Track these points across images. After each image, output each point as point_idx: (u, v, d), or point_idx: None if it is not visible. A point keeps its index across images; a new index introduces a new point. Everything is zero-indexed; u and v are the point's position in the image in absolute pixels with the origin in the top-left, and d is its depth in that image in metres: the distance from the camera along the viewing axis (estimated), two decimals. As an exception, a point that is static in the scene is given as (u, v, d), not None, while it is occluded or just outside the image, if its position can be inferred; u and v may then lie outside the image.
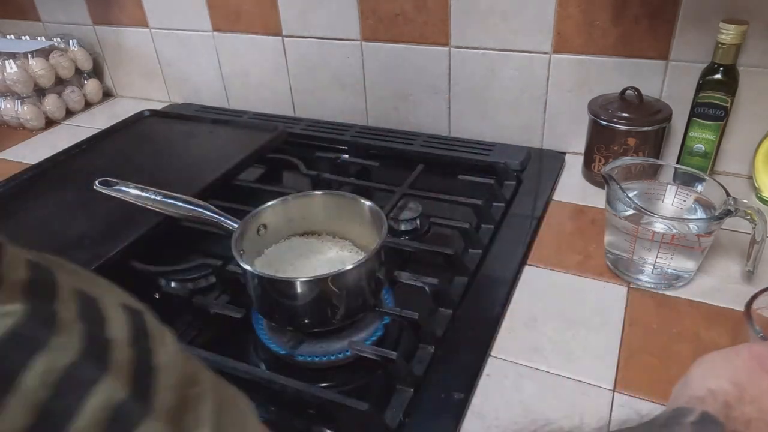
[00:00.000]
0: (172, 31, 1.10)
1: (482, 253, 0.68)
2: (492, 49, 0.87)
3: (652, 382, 0.51)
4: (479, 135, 0.94)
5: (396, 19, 0.90)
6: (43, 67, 1.10)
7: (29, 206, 0.77)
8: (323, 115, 1.05)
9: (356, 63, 0.97)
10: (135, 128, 0.96)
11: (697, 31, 0.74)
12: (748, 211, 0.56)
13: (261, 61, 1.05)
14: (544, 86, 0.87)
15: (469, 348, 0.55)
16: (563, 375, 0.52)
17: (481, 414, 0.49)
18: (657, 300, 0.60)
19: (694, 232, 0.58)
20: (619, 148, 0.76)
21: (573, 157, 0.88)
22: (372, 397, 0.47)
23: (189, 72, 1.14)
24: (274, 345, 0.56)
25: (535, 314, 0.59)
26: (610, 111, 0.76)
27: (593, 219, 0.74)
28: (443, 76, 0.92)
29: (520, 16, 0.82)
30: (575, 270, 0.65)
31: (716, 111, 0.72)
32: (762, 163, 0.74)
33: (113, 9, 1.14)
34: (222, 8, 1.03)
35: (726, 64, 0.70)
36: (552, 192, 0.80)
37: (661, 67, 0.79)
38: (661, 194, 0.64)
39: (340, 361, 0.54)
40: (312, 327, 0.55)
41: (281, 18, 0.99)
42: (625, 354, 0.54)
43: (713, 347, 0.54)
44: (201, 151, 0.91)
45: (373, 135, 0.97)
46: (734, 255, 0.65)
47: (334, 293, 0.51)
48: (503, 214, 0.75)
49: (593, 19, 0.79)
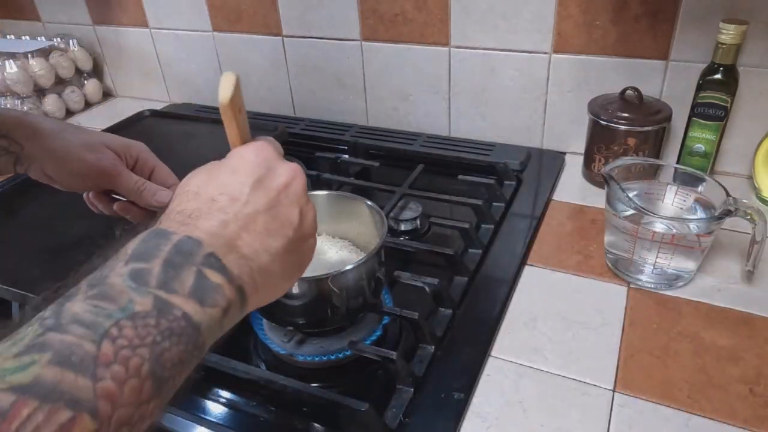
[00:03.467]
0: (172, 31, 1.10)
1: (482, 253, 0.68)
2: (492, 49, 0.87)
3: (652, 382, 0.51)
4: (479, 135, 0.94)
5: (396, 19, 0.90)
6: (43, 67, 1.10)
7: (29, 206, 0.77)
8: (323, 115, 1.05)
9: (356, 63, 0.97)
10: (135, 128, 0.96)
11: (697, 31, 0.74)
12: (748, 211, 0.56)
13: (261, 61, 1.05)
14: (544, 86, 0.87)
15: (469, 348, 0.55)
16: (563, 375, 0.52)
17: (481, 414, 0.49)
18: (657, 300, 0.60)
19: (694, 232, 0.58)
20: (619, 148, 0.76)
21: (573, 157, 0.88)
22: (372, 397, 0.47)
23: (189, 72, 1.14)
24: (274, 345, 0.56)
25: (535, 314, 0.59)
26: (610, 111, 0.76)
27: (593, 219, 0.74)
28: (443, 76, 0.92)
29: (520, 16, 0.82)
30: (575, 270, 0.65)
31: (716, 111, 0.72)
32: (762, 163, 0.74)
33: (113, 9, 1.14)
34: (222, 8, 1.03)
35: (726, 64, 0.70)
36: (552, 192, 0.80)
37: (661, 67, 0.79)
38: (661, 194, 0.64)
39: (340, 361, 0.54)
40: (312, 327, 0.55)
41: (281, 18, 0.99)
42: (625, 354, 0.54)
43: (713, 347, 0.54)
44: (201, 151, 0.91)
45: (373, 135, 0.97)
46: (734, 255, 0.65)
47: (334, 293, 0.51)
48: (503, 214, 0.75)
49: (593, 19, 0.79)
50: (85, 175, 0.54)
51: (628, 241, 0.60)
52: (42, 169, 0.55)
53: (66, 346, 0.23)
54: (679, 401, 0.49)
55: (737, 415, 0.47)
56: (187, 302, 0.28)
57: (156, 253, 0.29)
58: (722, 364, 0.52)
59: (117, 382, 0.24)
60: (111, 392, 0.23)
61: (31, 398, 0.21)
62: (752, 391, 0.49)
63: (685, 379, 0.51)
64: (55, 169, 0.55)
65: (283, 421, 0.49)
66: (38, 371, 0.22)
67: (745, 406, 0.48)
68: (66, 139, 0.54)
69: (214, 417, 0.50)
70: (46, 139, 0.54)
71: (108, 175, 0.54)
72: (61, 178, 0.55)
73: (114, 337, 0.25)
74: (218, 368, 0.51)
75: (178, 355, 0.27)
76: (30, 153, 0.54)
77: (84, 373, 0.23)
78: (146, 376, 0.25)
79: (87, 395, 0.23)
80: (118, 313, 0.25)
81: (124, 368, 0.24)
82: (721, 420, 0.47)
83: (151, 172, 0.59)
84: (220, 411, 0.51)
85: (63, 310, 0.25)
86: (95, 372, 0.23)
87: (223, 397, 0.52)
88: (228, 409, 0.51)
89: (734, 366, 0.52)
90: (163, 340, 0.26)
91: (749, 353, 0.53)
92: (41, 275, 0.63)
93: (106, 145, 0.55)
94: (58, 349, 0.23)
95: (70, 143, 0.54)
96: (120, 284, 0.27)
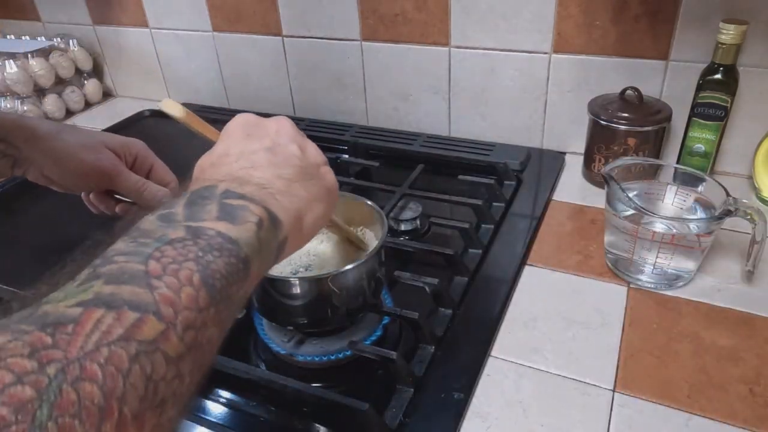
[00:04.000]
0: (172, 31, 1.10)
1: (482, 253, 0.68)
2: (492, 49, 0.87)
3: (652, 382, 0.51)
4: (479, 135, 0.94)
5: (396, 19, 0.90)
6: (43, 67, 1.10)
7: (29, 206, 0.77)
8: (323, 115, 1.05)
9: (356, 63, 0.97)
10: (135, 128, 0.97)
11: (697, 31, 0.74)
12: (748, 211, 0.56)
13: (261, 61, 1.05)
14: (544, 86, 0.87)
15: (469, 348, 0.55)
16: (563, 375, 0.52)
17: (481, 414, 0.49)
18: (657, 300, 0.60)
19: (694, 232, 0.58)
20: (619, 148, 0.76)
21: (573, 157, 0.88)
22: (372, 397, 0.47)
23: (189, 72, 1.14)
24: (275, 345, 0.56)
25: (535, 314, 0.59)
26: (610, 111, 0.76)
27: (593, 219, 0.74)
28: (443, 76, 0.92)
29: (520, 16, 0.82)
30: (575, 270, 0.65)
31: (716, 111, 0.72)
32: (762, 163, 0.74)
33: (113, 9, 1.14)
34: (222, 8, 1.03)
35: (726, 64, 0.70)
36: (552, 192, 0.80)
37: (661, 67, 0.79)
38: (661, 194, 0.64)
39: (340, 361, 0.54)
40: (312, 327, 0.55)
41: (281, 18, 0.99)
42: (625, 354, 0.54)
43: (713, 347, 0.54)
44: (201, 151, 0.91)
45: (373, 135, 0.97)
46: (734, 255, 0.65)
47: (334, 293, 0.51)
48: (503, 214, 0.75)
49: (593, 19, 0.79)
50: (85, 176, 0.54)
51: (628, 241, 0.60)
52: (40, 171, 0.55)
53: (116, 269, 0.25)
54: (679, 401, 0.49)
55: (737, 415, 0.47)
56: (217, 224, 0.29)
57: (178, 202, 0.31)
58: (722, 364, 0.52)
59: (172, 290, 0.25)
60: (169, 298, 0.25)
61: (96, 308, 0.23)
62: (752, 391, 0.49)
63: (685, 379, 0.51)
64: (54, 171, 0.54)
65: (283, 421, 0.49)
66: (97, 289, 0.24)
67: (745, 406, 0.48)
68: (65, 140, 0.54)
69: (214, 417, 0.50)
70: (44, 141, 0.54)
71: (108, 175, 0.54)
72: (60, 179, 0.55)
73: (158, 257, 0.26)
74: (218, 368, 0.51)
75: (225, 267, 0.28)
76: (28, 155, 0.54)
77: (139, 284, 0.24)
78: (199, 285, 0.26)
79: (147, 300, 0.24)
80: (155, 243, 0.27)
81: (175, 279, 0.25)
82: (721, 420, 0.47)
83: (149, 169, 0.59)
84: (220, 411, 0.51)
85: (107, 252, 0.27)
86: (150, 282, 0.25)
87: (223, 397, 0.52)
88: (228, 409, 0.51)
89: (734, 366, 0.52)
90: (205, 255, 0.27)
91: (749, 353, 0.53)
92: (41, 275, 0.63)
93: (105, 144, 0.55)
94: (110, 273, 0.25)
95: (68, 144, 0.54)
96: (151, 225, 0.29)
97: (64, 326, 0.21)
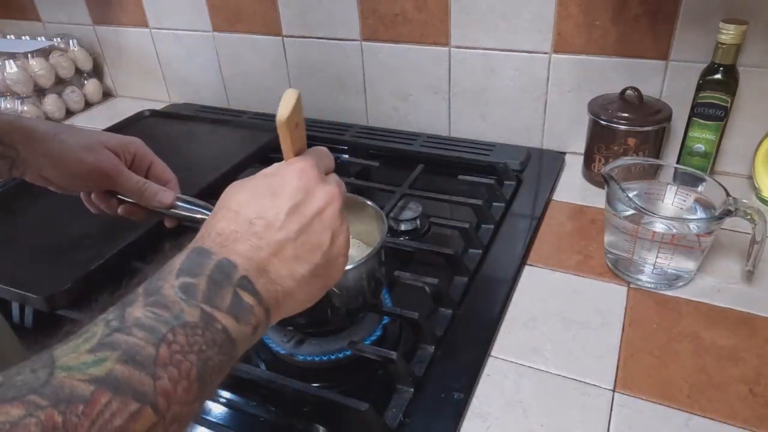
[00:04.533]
0: (172, 31, 1.10)
1: (482, 253, 0.68)
2: (492, 49, 0.87)
3: (652, 382, 0.51)
4: (479, 135, 0.94)
5: (396, 19, 0.90)
6: (43, 67, 1.10)
7: (29, 206, 0.77)
8: (323, 115, 1.05)
9: (356, 63, 0.97)
10: (135, 128, 0.96)
11: (697, 31, 0.74)
12: (748, 211, 0.56)
13: (261, 61, 1.05)
14: (544, 86, 0.87)
15: (469, 348, 0.55)
16: (563, 375, 0.52)
17: (481, 414, 0.49)
18: (657, 300, 0.60)
19: (694, 232, 0.58)
20: (619, 148, 0.76)
21: (573, 157, 0.88)
22: (372, 397, 0.47)
23: (189, 72, 1.14)
24: (274, 345, 0.56)
25: (535, 314, 0.59)
26: (610, 111, 0.76)
27: (593, 219, 0.74)
28: (443, 76, 0.92)
29: (520, 16, 0.82)
30: (575, 270, 0.65)
31: (716, 111, 0.72)
32: (762, 163, 0.74)
33: (113, 9, 1.14)
34: (222, 8, 1.03)
35: (726, 64, 0.70)
36: (552, 192, 0.80)
37: (661, 67, 0.79)
38: (661, 194, 0.64)
39: (340, 361, 0.54)
40: (312, 327, 0.55)
41: (281, 18, 0.99)
42: (625, 354, 0.54)
43: (713, 347, 0.54)
44: (201, 151, 0.91)
45: (373, 135, 0.97)
46: (734, 255, 0.65)
47: (334, 293, 0.51)
48: (503, 214, 0.75)
49: (593, 19, 0.79)
50: (85, 177, 0.54)
51: (628, 241, 0.60)
52: (39, 172, 0.54)
53: (131, 347, 0.27)
54: (679, 401, 0.49)
55: (737, 415, 0.47)
56: (226, 318, 0.31)
57: (201, 270, 0.32)
58: (722, 364, 0.52)
59: (172, 382, 0.27)
60: (168, 390, 0.27)
61: (106, 389, 0.25)
62: (752, 391, 0.49)
63: (685, 379, 0.51)
64: (53, 172, 0.54)
65: (283, 421, 0.49)
66: (110, 366, 0.25)
67: (745, 406, 0.48)
68: (63, 141, 0.54)
69: (214, 417, 0.50)
70: (43, 143, 0.53)
71: (108, 176, 0.54)
72: (59, 180, 0.55)
73: (170, 341, 0.28)
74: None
75: (219, 363, 0.30)
76: (25, 157, 0.53)
77: (146, 371, 0.26)
78: (194, 379, 0.28)
79: (149, 390, 0.26)
80: (172, 320, 0.29)
81: (177, 371, 0.27)
82: (721, 420, 0.47)
83: (148, 167, 0.59)
84: (220, 411, 0.51)
85: (126, 315, 0.28)
86: (155, 371, 0.27)
87: (223, 397, 0.52)
88: (228, 409, 0.51)
89: (734, 366, 0.52)
90: (207, 349, 0.29)
91: (749, 353, 0.53)
92: (41, 275, 0.63)
93: (104, 144, 0.55)
94: (125, 349, 0.26)
95: (67, 145, 0.54)
96: (173, 295, 0.30)
97: (76, 406, 0.24)
